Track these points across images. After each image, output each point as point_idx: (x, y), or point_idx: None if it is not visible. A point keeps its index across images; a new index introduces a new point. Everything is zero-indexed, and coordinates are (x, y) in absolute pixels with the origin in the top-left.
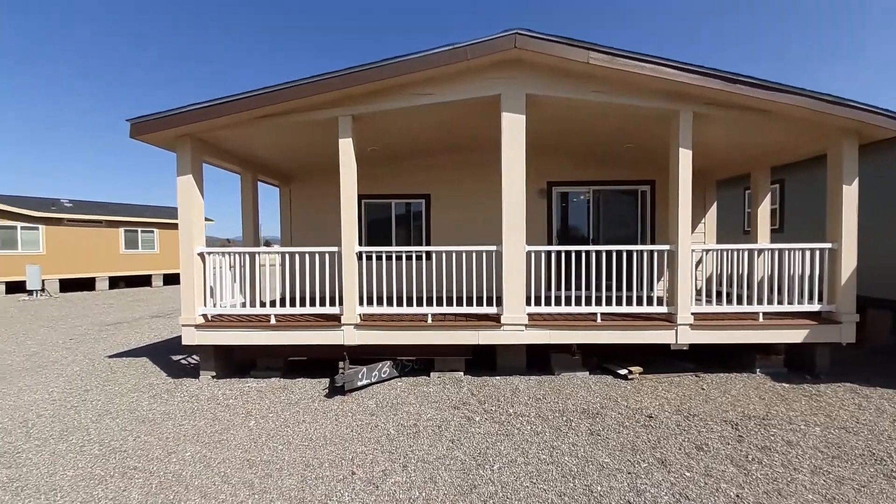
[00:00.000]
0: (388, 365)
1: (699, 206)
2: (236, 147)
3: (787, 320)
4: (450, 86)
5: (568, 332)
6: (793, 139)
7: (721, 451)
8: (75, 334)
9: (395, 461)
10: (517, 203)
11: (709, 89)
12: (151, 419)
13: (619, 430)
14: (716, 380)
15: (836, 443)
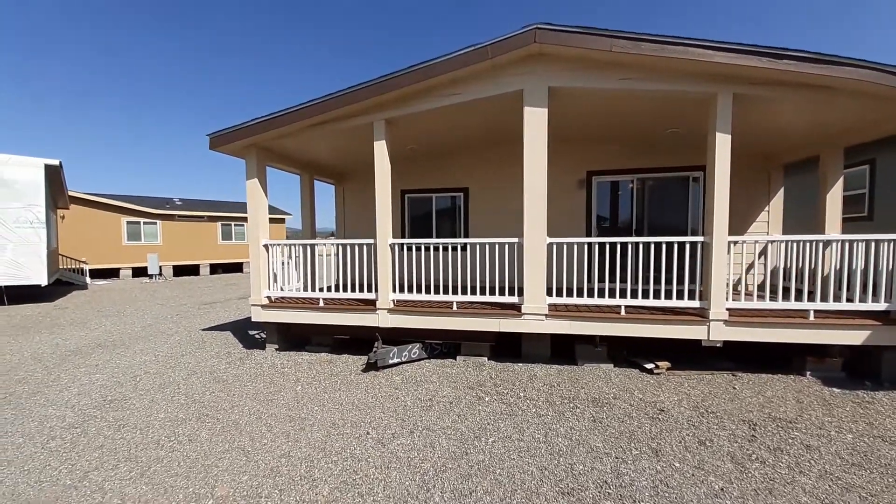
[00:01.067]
0: (417, 347)
1: (763, 192)
2: (295, 152)
3: (845, 319)
4: (474, 85)
5: (590, 323)
6: (867, 116)
7: (725, 448)
8: (180, 311)
9: (404, 427)
10: (538, 196)
11: (749, 68)
12: (225, 380)
13: (624, 419)
14: (754, 380)
15: (864, 451)
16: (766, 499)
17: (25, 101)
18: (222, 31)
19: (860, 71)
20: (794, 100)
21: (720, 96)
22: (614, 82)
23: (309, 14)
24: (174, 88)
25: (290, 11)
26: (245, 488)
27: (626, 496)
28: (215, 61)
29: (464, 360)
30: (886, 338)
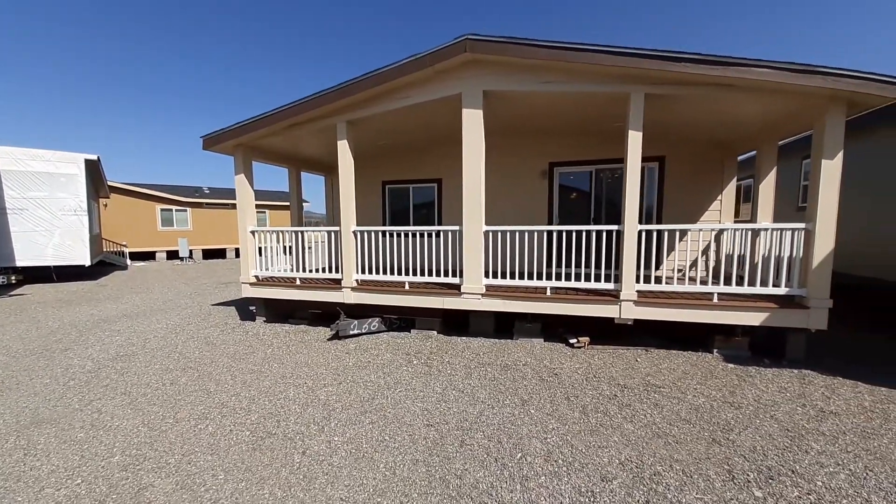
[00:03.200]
0: (377, 321)
1: (716, 181)
2: (281, 150)
3: (746, 302)
4: (421, 89)
5: (520, 302)
6: (785, 110)
7: (584, 402)
8: (199, 289)
9: (335, 380)
10: (476, 188)
11: (653, 70)
12: (214, 343)
13: (518, 380)
14: (662, 355)
15: (703, 411)
16: (584, 437)
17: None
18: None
19: (752, 69)
20: (705, 97)
21: (633, 96)
22: (539, 85)
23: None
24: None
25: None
26: (198, 413)
27: (474, 428)
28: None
29: (416, 333)
30: (783, 319)
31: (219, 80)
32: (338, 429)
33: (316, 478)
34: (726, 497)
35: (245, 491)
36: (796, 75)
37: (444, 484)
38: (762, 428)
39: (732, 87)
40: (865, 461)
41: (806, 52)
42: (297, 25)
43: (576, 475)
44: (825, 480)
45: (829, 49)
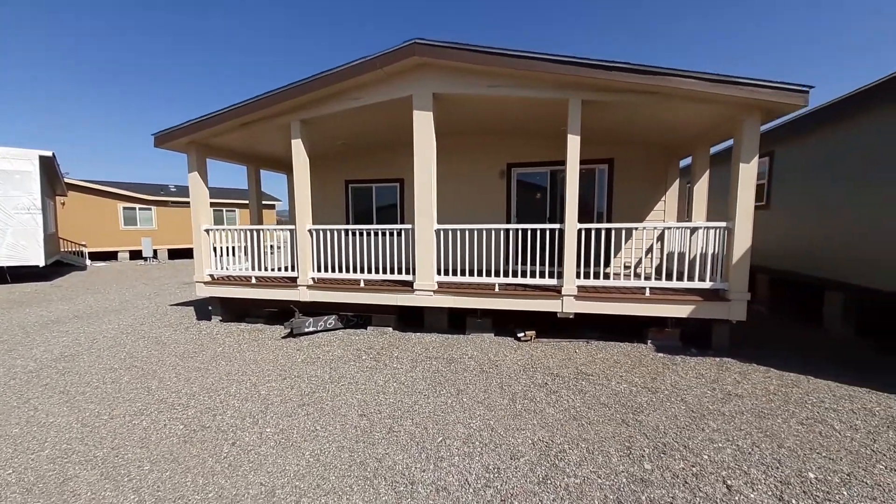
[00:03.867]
0: (333, 318)
1: (660, 182)
2: (237, 147)
3: (674, 296)
4: (373, 90)
5: (470, 298)
6: (711, 119)
7: (515, 390)
8: (160, 289)
9: (281, 376)
10: (427, 188)
11: (588, 78)
12: (164, 342)
13: (459, 371)
14: (601, 346)
15: (622, 395)
16: (506, 421)
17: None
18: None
19: (674, 79)
20: (638, 104)
21: (571, 101)
22: (486, 89)
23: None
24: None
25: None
26: (134, 410)
27: (405, 416)
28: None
29: (372, 330)
30: (707, 312)
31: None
32: (272, 421)
33: (240, 465)
34: (618, 470)
35: (168, 480)
36: (714, 84)
37: (363, 467)
38: (670, 410)
39: (661, 94)
40: (754, 438)
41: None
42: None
43: (488, 455)
44: (711, 455)
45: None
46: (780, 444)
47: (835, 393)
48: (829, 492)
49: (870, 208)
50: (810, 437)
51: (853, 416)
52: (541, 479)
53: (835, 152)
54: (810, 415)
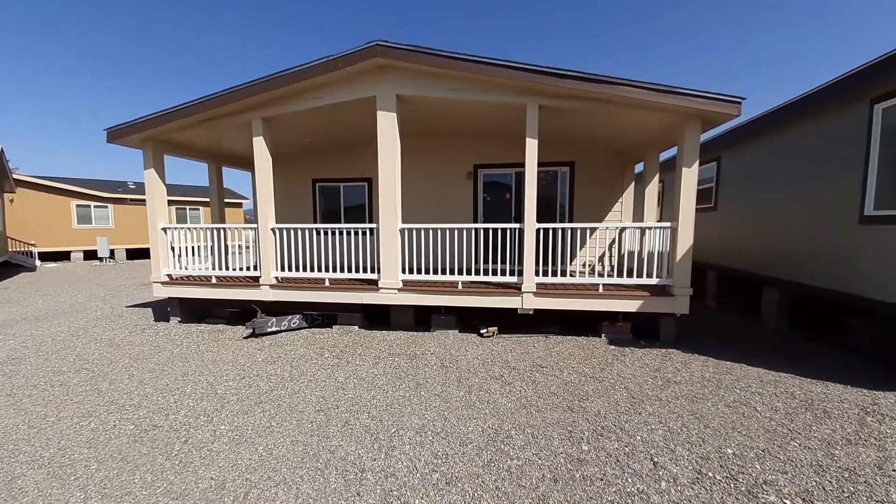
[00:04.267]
0: (297, 317)
1: (617, 185)
2: (198, 144)
3: (626, 292)
4: (337, 90)
5: (434, 295)
6: (659, 126)
7: (472, 383)
8: (116, 291)
9: (239, 375)
10: (391, 188)
11: (544, 85)
12: (118, 345)
13: (420, 367)
14: (559, 340)
15: (569, 384)
16: (460, 411)
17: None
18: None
19: (623, 87)
20: (592, 110)
21: (529, 106)
22: (449, 92)
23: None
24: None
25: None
26: (83, 411)
27: (362, 410)
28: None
29: (338, 329)
30: (654, 306)
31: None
32: (227, 419)
33: (191, 462)
34: (558, 451)
35: (115, 478)
36: (658, 94)
37: (316, 458)
38: (613, 397)
39: (610, 102)
40: (685, 420)
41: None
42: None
43: (438, 443)
44: (644, 436)
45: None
46: (707, 425)
47: (762, 378)
48: (744, 465)
49: (797, 211)
50: (734, 418)
51: (775, 399)
52: (486, 462)
53: (767, 159)
54: (737, 398)
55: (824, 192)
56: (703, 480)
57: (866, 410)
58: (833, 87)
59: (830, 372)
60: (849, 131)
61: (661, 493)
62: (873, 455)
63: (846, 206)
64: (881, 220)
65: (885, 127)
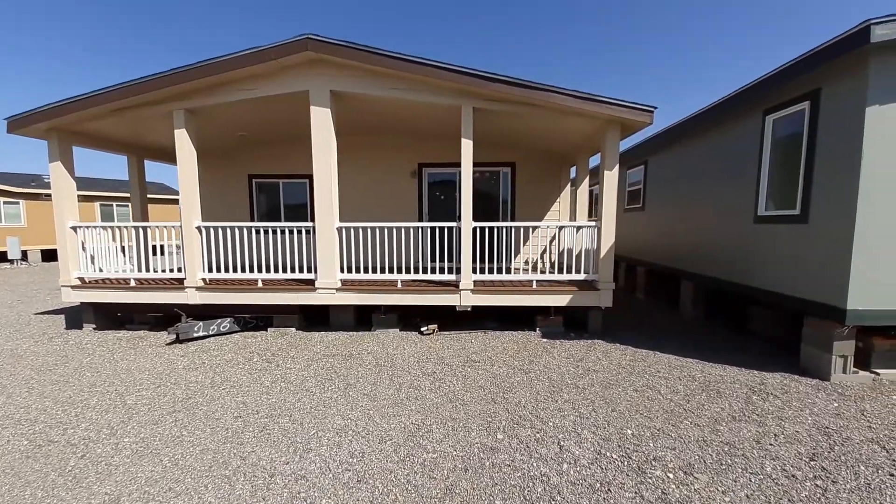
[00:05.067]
0: (228, 321)
1: (555, 186)
2: (117, 135)
3: (558, 287)
4: (268, 82)
5: (373, 295)
6: (586, 131)
7: (403, 381)
8: (26, 296)
9: (154, 384)
10: (327, 185)
11: (474, 88)
12: (20, 355)
13: (354, 367)
14: (497, 335)
15: (499, 377)
16: (386, 409)
17: None
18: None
19: (546, 93)
20: (522, 114)
21: (463, 108)
22: (385, 91)
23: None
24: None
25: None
26: None
27: (283, 414)
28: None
29: (273, 331)
30: (582, 300)
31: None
32: (133, 431)
33: (86, 477)
34: (474, 442)
35: (6, 494)
36: (581, 101)
37: (225, 466)
38: (536, 387)
39: (540, 106)
40: (595, 405)
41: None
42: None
43: (357, 442)
44: (556, 422)
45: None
46: (614, 409)
47: (671, 364)
48: (639, 444)
49: (708, 211)
50: (639, 402)
51: (678, 383)
52: (402, 457)
53: (683, 164)
54: (645, 383)
55: (728, 195)
56: (601, 460)
57: (754, 390)
58: (734, 98)
59: (731, 356)
60: (747, 139)
61: (562, 474)
62: (753, 430)
63: (745, 207)
64: (770, 219)
65: (775, 135)
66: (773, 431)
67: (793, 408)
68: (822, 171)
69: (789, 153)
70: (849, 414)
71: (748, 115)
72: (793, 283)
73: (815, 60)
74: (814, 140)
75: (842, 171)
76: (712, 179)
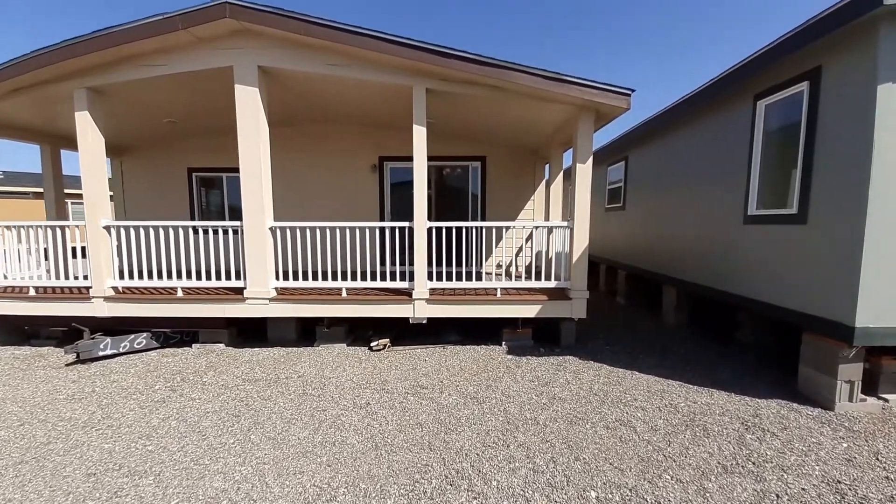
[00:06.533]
0: (145, 336)
1: (528, 182)
2: (23, 121)
3: (526, 296)
4: (186, 56)
5: (314, 305)
6: (557, 119)
7: (328, 416)
8: None
9: (18, 422)
10: (257, 179)
11: (428, 65)
12: None
13: (275, 396)
14: (455, 351)
15: (446, 410)
16: (289, 462)
17: None
18: None
19: (510, 73)
20: (484, 98)
21: (415, 89)
22: (323, 67)
23: None
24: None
25: None
26: None
27: (151, 471)
28: None
29: (199, 348)
30: (552, 311)
31: None
32: None
33: None
34: None
35: None
36: (548, 82)
37: None
38: (488, 423)
39: (503, 89)
40: (556, 451)
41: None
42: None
43: None
44: (503, 479)
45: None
46: (578, 457)
47: (650, 389)
48: None
49: (692, 210)
50: (610, 444)
51: (657, 416)
52: None
53: (666, 158)
54: (619, 417)
55: (714, 191)
56: None
57: (747, 425)
58: (720, 82)
59: (718, 375)
60: (735, 129)
61: None
62: (750, 488)
63: (733, 205)
64: (762, 219)
65: (768, 123)
66: (773, 490)
67: (795, 451)
68: (823, 162)
69: (785, 143)
70: (861, 459)
71: (736, 101)
72: (788, 294)
73: (814, 32)
74: (814, 127)
75: (848, 162)
76: (697, 175)
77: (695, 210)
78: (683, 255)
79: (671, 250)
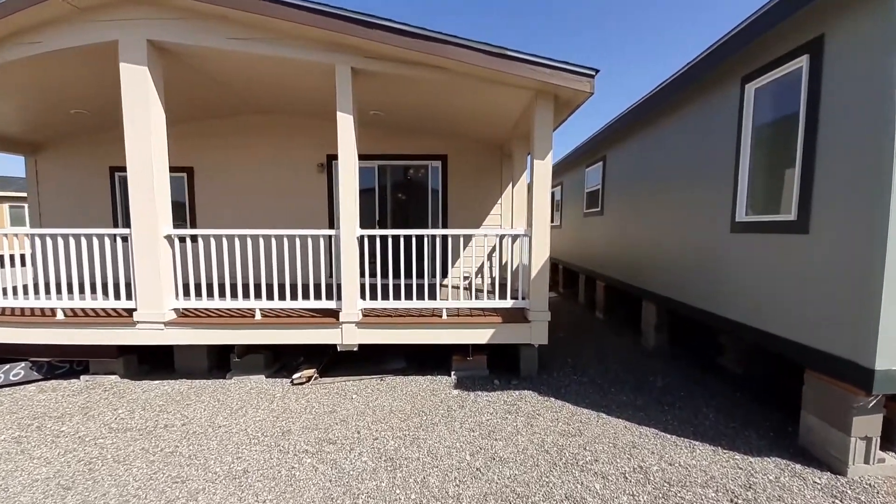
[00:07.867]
0: (23, 366)
1: (496, 184)
2: None
3: (476, 318)
4: (63, 31)
5: (221, 330)
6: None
7: (200, 456)
8: None
9: None
10: (146, 178)
11: (353, 38)
12: None
13: (128, 460)
14: (395, 384)
15: (295, 483)
16: None
17: None
18: None
19: (445, 47)
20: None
21: (338, 68)
22: (224, 41)
23: None
24: None
25: None
26: None
27: None
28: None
29: (87, 381)
30: (508, 335)
31: None
32: None
33: None
34: None
35: None
36: (492, 59)
37: None
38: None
39: (441, 68)
40: None
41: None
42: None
43: None
44: None
45: None
46: None
47: (617, 440)
48: None
49: (672, 217)
50: None
51: (620, 489)
52: None
53: (645, 156)
54: (572, 490)
55: (697, 194)
56: None
57: (737, 501)
58: (699, 64)
59: (702, 420)
60: (719, 119)
61: None
62: None
63: (719, 210)
64: (754, 227)
65: (758, 110)
66: None
67: None
68: (829, 156)
69: (780, 133)
70: None
71: (720, 86)
72: (786, 321)
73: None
74: (816, 111)
75: (862, 154)
76: (678, 175)
77: (676, 216)
78: (664, 268)
79: (651, 261)
